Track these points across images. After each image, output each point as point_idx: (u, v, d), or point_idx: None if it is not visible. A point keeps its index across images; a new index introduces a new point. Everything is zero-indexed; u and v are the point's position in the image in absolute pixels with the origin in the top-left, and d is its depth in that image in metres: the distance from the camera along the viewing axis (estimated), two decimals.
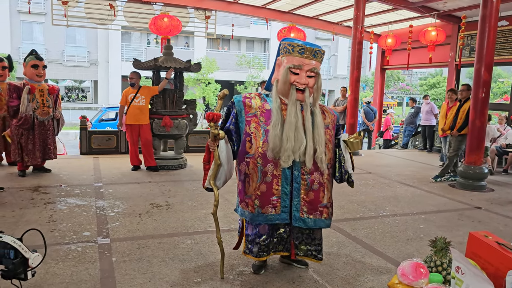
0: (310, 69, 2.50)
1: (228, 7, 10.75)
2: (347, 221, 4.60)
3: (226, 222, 4.36)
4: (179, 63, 7.02)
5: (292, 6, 10.94)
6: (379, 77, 13.71)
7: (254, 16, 12.34)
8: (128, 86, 6.95)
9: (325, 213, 2.76)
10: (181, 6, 10.15)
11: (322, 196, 2.70)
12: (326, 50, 18.72)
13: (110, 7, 9.36)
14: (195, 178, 6.47)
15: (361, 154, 9.93)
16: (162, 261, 3.33)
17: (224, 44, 31.05)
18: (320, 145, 2.56)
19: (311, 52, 2.48)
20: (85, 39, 27.89)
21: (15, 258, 1.92)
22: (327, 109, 2.82)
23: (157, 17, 8.25)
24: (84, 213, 4.49)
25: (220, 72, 26.42)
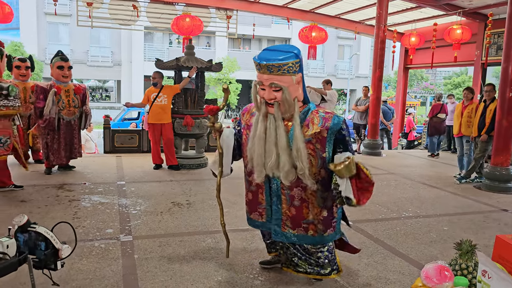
0: (269, 84, 2.30)
1: (250, 7, 10.76)
2: (369, 222, 4.55)
3: (246, 221, 4.35)
4: (200, 63, 7.06)
5: (313, 5, 10.87)
6: (402, 76, 13.50)
7: (275, 16, 12.32)
8: (150, 85, 7.04)
9: (311, 230, 2.54)
10: (202, 6, 10.21)
11: (306, 212, 2.49)
12: (347, 49, 18.66)
13: (133, 8, 9.49)
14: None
15: (383, 154, 9.80)
16: (183, 259, 3.36)
17: (245, 43, 31.11)
18: (301, 160, 2.33)
19: (266, 68, 2.27)
20: (109, 40, 28.37)
21: (46, 249, 2.02)
22: (317, 118, 2.41)
23: (179, 17, 8.33)
24: (107, 211, 4.56)
25: (241, 72, 26.50)
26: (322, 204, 2.50)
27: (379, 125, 10.06)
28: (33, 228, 2.00)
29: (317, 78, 26.63)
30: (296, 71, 2.32)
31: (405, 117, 14.03)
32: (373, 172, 7.28)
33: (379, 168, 7.99)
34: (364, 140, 9.97)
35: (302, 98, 2.44)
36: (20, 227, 1.98)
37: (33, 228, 2.00)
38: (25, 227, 1.98)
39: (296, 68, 2.31)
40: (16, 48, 23.29)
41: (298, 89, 2.37)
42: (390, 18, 10.17)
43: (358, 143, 10.24)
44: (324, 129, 2.37)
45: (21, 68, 6.49)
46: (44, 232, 2.02)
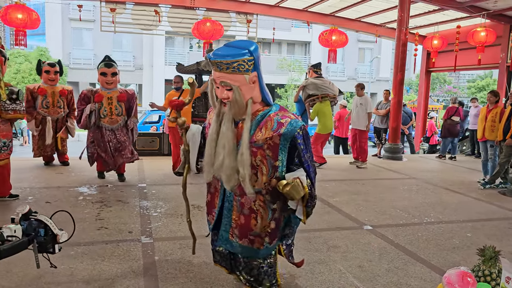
0: (220, 82, 2.13)
1: (270, 11, 10.80)
2: (389, 227, 4.49)
3: None
4: None
5: (334, 9, 10.83)
6: (424, 80, 13.30)
7: (295, 20, 12.35)
8: (171, 89, 7.13)
9: (257, 243, 2.31)
10: (223, 11, 10.30)
11: (254, 224, 2.27)
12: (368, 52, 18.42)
13: (155, 13, 9.64)
14: None
15: (404, 159, 9.67)
16: (203, 261, 3.39)
17: (265, 47, 31.17)
18: (244, 166, 2.12)
19: (216, 65, 2.11)
20: (131, 45, 28.84)
21: (45, 235, 2.21)
22: (272, 122, 2.18)
23: (200, 22, 8.43)
24: (128, 213, 4.64)
25: None
26: (271, 216, 2.28)
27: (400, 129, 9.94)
28: (34, 216, 2.18)
29: (337, 81, 26.47)
30: (249, 69, 2.12)
31: (427, 121, 13.81)
32: (394, 176, 7.25)
33: (400, 172, 7.89)
34: (384, 144, 9.86)
35: (260, 98, 2.22)
36: (23, 215, 2.15)
37: (35, 216, 2.18)
38: (27, 215, 2.16)
39: (250, 67, 2.11)
40: (42, 53, 23.92)
41: (253, 89, 2.16)
42: (411, 20, 10.05)
43: (379, 147, 10.13)
44: (277, 135, 2.13)
45: (50, 73, 6.63)
46: (44, 219, 2.19)
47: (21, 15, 7.38)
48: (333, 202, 5.43)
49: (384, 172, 8.02)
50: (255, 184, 2.18)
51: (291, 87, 27.18)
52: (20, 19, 7.38)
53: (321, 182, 6.66)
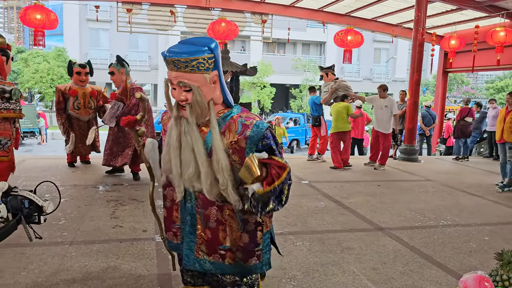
0: (178, 83, 1.90)
1: (285, 11, 10.79)
2: (405, 230, 4.44)
3: (279, 225, 4.36)
4: (235, 67, 7.13)
5: (349, 9, 10.76)
6: (441, 81, 13.12)
7: (310, 20, 12.30)
8: None
9: (229, 258, 2.03)
10: (238, 11, 10.32)
11: (223, 236, 2.02)
12: (384, 53, 18.18)
13: (171, 13, 9.71)
14: None
15: (420, 160, 9.55)
16: None
17: (280, 47, 31.14)
18: (223, 173, 1.88)
19: (172, 64, 1.89)
20: (146, 45, 29.12)
21: (30, 206, 2.20)
22: (236, 124, 1.95)
23: (215, 22, 8.46)
24: (143, 212, 4.67)
25: (275, 76, 26.55)
26: (242, 228, 2.01)
27: (417, 130, 9.83)
28: (15, 192, 2.18)
29: (352, 82, 26.34)
30: (209, 68, 1.90)
31: (444, 123, 13.62)
32: (409, 178, 7.14)
33: (415, 174, 7.80)
34: (400, 146, 9.75)
35: (221, 100, 1.99)
36: (4, 193, 2.16)
37: (15, 192, 2.18)
38: (8, 192, 2.17)
39: (210, 65, 1.90)
40: (60, 53, 24.31)
41: (214, 89, 1.93)
42: (429, 20, 9.93)
43: (394, 148, 10.02)
44: (242, 138, 1.91)
45: (81, 74, 6.65)
46: (26, 194, 2.17)
47: (39, 15, 7.50)
48: (348, 204, 5.39)
49: (399, 173, 7.93)
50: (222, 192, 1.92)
51: (305, 87, 27.09)
52: (39, 19, 7.50)
53: (335, 183, 6.63)
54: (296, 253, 3.62)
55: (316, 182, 6.59)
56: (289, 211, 4.88)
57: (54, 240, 3.71)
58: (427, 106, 11.37)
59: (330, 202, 5.46)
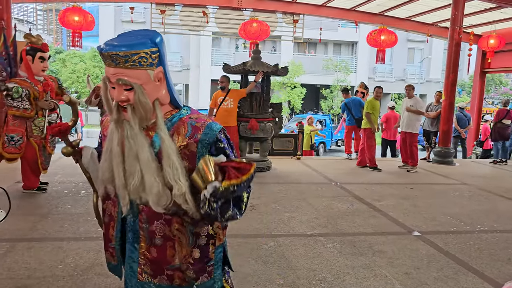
0: (117, 80, 1.66)
1: (317, 11, 10.70)
2: (439, 234, 4.32)
3: (309, 226, 4.33)
4: (267, 67, 7.14)
5: (383, 8, 10.57)
6: (478, 81, 12.69)
7: (342, 19, 12.16)
8: (217, 89, 7.23)
9: (177, 278, 1.78)
10: (269, 11, 10.31)
11: (171, 254, 1.76)
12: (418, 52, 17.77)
13: (203, 14, 9.81)
14: (280, 181, 6.52)
15: (455, 163, 9.27)
16: (246, 260, 3.40)
17: (311, 47, 30.92)
18: (179, 178, 1.66)
19: (110, 58, 1.64)
20: (178, 45, 29.54)
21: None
22: (186, 127, 1.72)
23: (247, 23, 8.48)
24: None
25: (306, 76, 26.39)
26: (192, 243, 1.77)
27: (452, 132, 9.56)
28: None
29: (384, 83, 25.87)
30: (153, 63, 1.68)
31: (481, 125, 13.17)
32: (444, 181, 6.95)
33: (450, 177, 7.57)
34: (434, 148, 9.50)
35: (168, 100, 1.75)
36: None
37: None
38: None
39: (154, 60, 1.68)
40: (96, 54, 24.99)
41: (159, 88, 1.71)
42: (466, 19, 9.62)
43: (428, 150, 9.77)
44: (193, 142, 1.69)
45: None
46: None
47: (77, 17, 7.73)
48: (379, 206, 5.29)
49: (433, 176, 7.72)
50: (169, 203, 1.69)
51: (336, 88, 26.80)
52: (77, 21, 7.73)
53: (366, 185, 6.53)
54: (326, 255, 3.59)
55: (347, 184, 6.50)
56: (319, 213, 4.84)
57: (90, 235, 3.82)
58: (461, 108, 11.02)
59: (361, 204, 5.38)
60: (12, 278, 2.94)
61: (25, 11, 47.57)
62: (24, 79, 4.95)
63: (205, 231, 1.75)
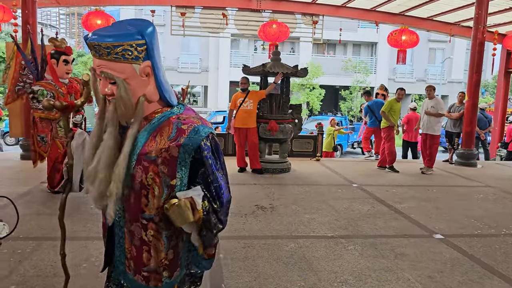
0: (100, 73, 1.58)
1: (336, 12, 10.64)
2: (463, 237, 4.23)
3: (330, 228, 4.31)
4: (286, 69, 7.13)
5: (403, 8, 10.44)
6: (502, 81, 12.41)
7: (362, 20, 12.05)
8: (235, 91, 7.25)
9: (153, 280, 1.74)
10: (289, 13, 10.30)
11: (147, 258, 1.72)
12: (439, 53, 17.42)
13: (223, 16, 9.87)
14: (299, 182, 6.50)
15: (478, 165, 9.08)
16: (267, 261, 3.40)
17: (330, 48, 30.76)
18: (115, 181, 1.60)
19: (94, 49, 1.55)
20: (198, 47, 29.78)
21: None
22: (171, 127, 1.60)
23: (266, 24, 8.50)
24: None
25: (324, 77, 26.25)
26: (167, 246, 1.71)
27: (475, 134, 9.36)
28: None
29: (405, 84, 25.51)
30: (139, 57, 1.56)
31: (505, 126, 12.86)
32: (467, 184, 6.82)
33: (474, 179, 7.41)
34: (457, 150, 9.32)
35: (157, 97, 1.64)
36: None
37: None
38: None
39: (140, 53, 1.56)
40: None
41: (146, 83, 1.59)
42: (490, 18, 9.42)
43: (451, 152, 9.60)
44: (174, 146, 1.56)
45: None
46: None
47: (100, 21, 7.87)
48: (401, 208, 5.23)
49: (456, 178, 7.58)
50: (145, 209, 1.63)
51: (356, 89, 26.57)
52: (99, 25, 7.86)
53: (387, 186, 6.45)
54: (347, 257, 3.56)
55: (367, 186, 6.44)
56: (339, 214, 4.81)
57: None
58: (481, 109, 10.77)
59: (382, 206, 5.32)
60: (39, 276, 3.01)
61: (48, 16, 48.71)
62: (49, 82, 5.08)
63: (176, 232, 1.66)
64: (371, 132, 9.01)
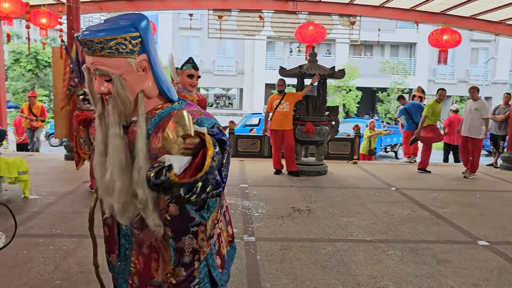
0: (94, 70, 1.47)
1: (374, 12, 10.44)
2: (510, 245, 4.04)
3: (368, 232, 4.22)
4: (323, 70, 7.07)
5: (445, 6, 10.11)
6: None
7: (401, 20, 11.78)
8: (271, 93, 7.25)
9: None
10: (325, 14, 10.21)
11: (155, 268, 1.59)
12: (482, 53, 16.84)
13: (259, 19, 9.91)
14: (336, 185, 6.42)
15: None
16: (304, 264, 3.37)
17: (367, 50, 30.26)
18: (144, 187, 1.43)
19: (86, 45, 1.45)
20: (233, 50, 30.04)
21: None
22: None
23: (303, 26, 8.46)
24: (231, 211, 4.80)
25: (361, 79, 25.85)
26: (176, 260, 1.55)
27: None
28: None
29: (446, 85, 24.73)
30: (134, 50, 1.46)
31: None
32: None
33: None
34: (502, 153, 8.93)
35: (156, 92, 1.54)
36: None
37: None
38: None
39: (135, 47, 1.46)
40: None
41: (143, 79, 1.50)
42: None
43: (495, 156, 9.20)
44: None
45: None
46: None
47: None
48: (442, 213, 5.05)
49: (502, 183, 7.26)
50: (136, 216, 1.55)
51: (393, 91, 25.99)
52: None
53: (428, 190, 6.26)
54: (387, 262, 3.48)
55: (406, 189, 6.27)
56: (378, 218, 4.71)
57: None
58: None
59: (422, 210, 5.16)
60: (83, 272, 3.11)
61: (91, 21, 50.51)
62: None
63: (189, 247, 1.54)
64: (410, 135, 8.79)
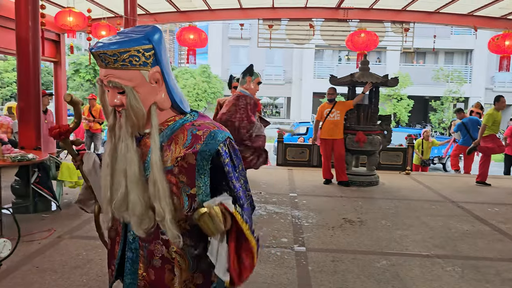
0: (108, 82, 1.48)
1: (428, 18, 10.11)
2: None
3: (424, 247, 4.04)
4: (375, 78, 6.91)
5: (506, 11, 9.60)
6: None
7: (458, 26, 11.34)
8: (319, 102, 7.16)
9: None
10: (377, 21, 10.01)
11: (170, 279, 1.56)
12: None
13: (310, 27, 9.88)
14: (389, 196, 6.22)
15: None
16: (357, 277, 3.27)
17: (419, 57, 29.34)
18: (160, 200, 1.46)
19: (99, 58, 1.47)
20: (281, 59, 30.15)
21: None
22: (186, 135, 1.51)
23: (354, 33, 8.34)
24: (281, 220, 4.77)
25: (413, 87, 25.06)
26: (194, 267, 1.56)
27: None
28: None
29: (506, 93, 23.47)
30: (147, 63, 1.47)
31: None
32: None
33: None
34: None
35: (169, 104, 1.54)
36: None
37: None
38: None
39: (148, 59, 1.47)
40: (204, 70, 26.58)
41: (156, 91, 1.50)
42: None
43: None
44: (191, 153, 1.47)
45: None
46: None
47: (192, 35, 8.30)
48: (506, 229, 4.75)
49: None
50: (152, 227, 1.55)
51: (448, 100, 24.97)
52: (192, 39, 8.30)
53: (488, 204, 5.93)
54: (446, 279, 3.30)
55: (464, 203, 5.96)
56: (435, 232, 4.50)
57: None
58: None
59: (483, 225, 4.88)
60: None
61: None
62: None
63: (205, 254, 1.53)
64: (462, 150, 8.42)
